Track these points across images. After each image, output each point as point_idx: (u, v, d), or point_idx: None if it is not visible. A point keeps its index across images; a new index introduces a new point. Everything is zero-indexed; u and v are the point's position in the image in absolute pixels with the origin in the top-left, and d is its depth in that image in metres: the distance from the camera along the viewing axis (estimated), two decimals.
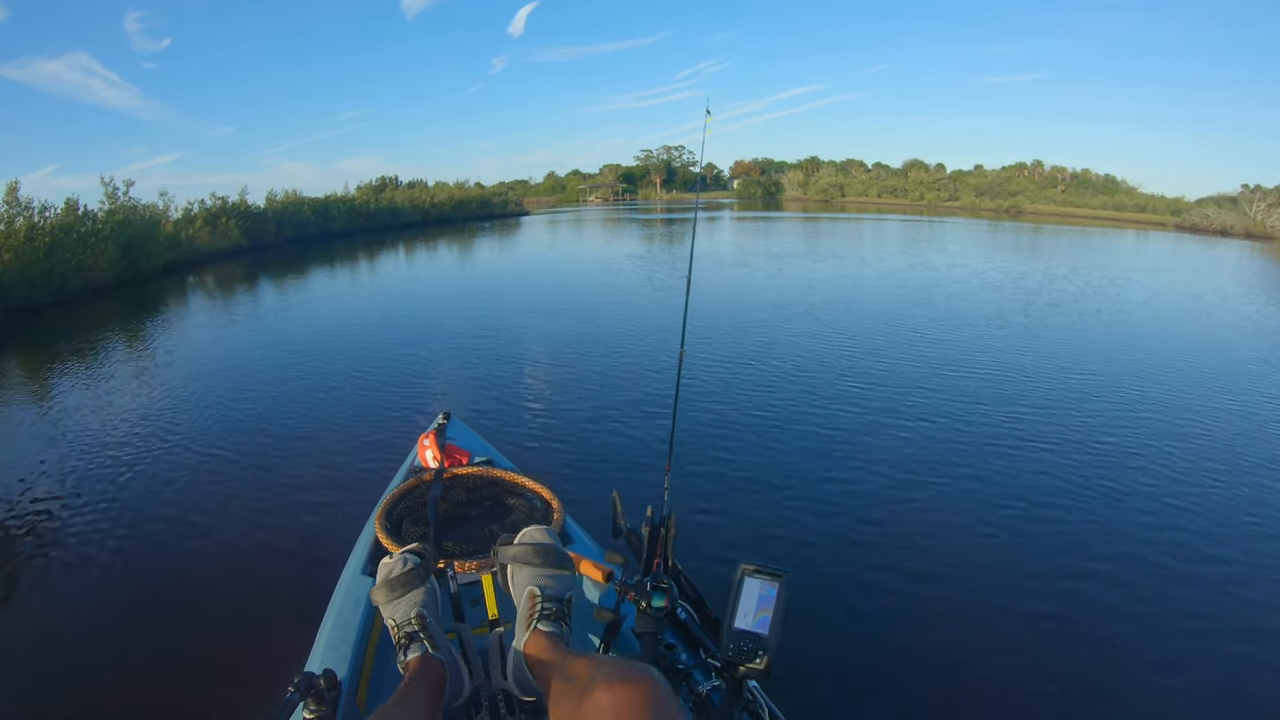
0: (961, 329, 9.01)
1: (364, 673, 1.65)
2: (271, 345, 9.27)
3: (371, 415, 5.94)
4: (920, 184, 61.03)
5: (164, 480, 4.79)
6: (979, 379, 6.68)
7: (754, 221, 35.42)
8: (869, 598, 3.22)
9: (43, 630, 3.20)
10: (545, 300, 12.28)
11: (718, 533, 3.70)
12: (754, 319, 9.43)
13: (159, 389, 7.19)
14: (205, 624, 3.16)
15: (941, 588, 3.29)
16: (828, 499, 4.11)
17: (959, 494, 4.21)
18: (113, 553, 3.83)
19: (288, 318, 11.90)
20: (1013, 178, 57.50)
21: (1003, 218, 42.95)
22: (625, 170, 79.26)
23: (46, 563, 3.80)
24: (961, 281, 13.98)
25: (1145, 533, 3.85)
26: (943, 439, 5.07)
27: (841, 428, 5.29)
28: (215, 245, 23.70)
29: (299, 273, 19.63)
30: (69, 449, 5.43)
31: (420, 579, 1.42)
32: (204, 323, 11.97)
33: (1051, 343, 8.42)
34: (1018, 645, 2.92)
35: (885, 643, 2.95)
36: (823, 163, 74.35)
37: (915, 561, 3.49)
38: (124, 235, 18.41)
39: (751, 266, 15.70)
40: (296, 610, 2.70)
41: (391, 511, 2.10)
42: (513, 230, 33.57)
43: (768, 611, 1.23)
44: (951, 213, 47.50)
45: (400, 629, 1.36)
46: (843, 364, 7.16)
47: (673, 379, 2.09)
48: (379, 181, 43.95)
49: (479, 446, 2.82)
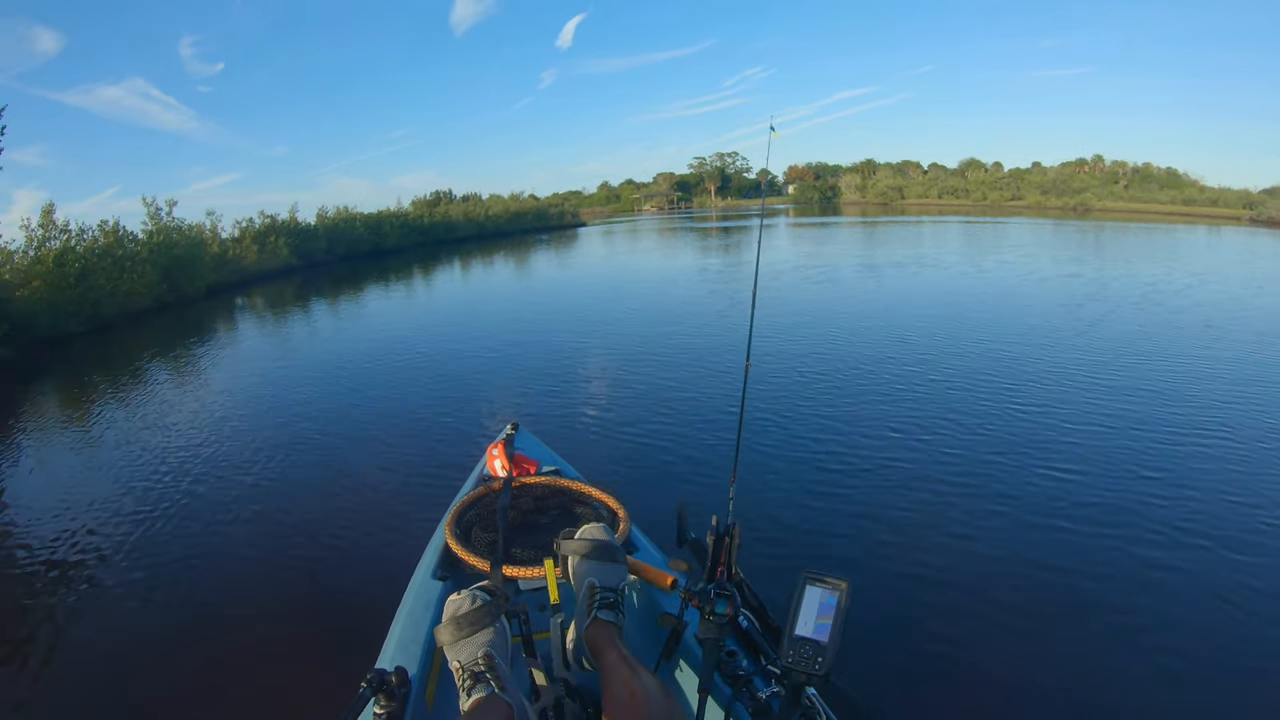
0: (1042, 337, 8.34)
1: (433, 672, 1.65)
2: (331, 362, 9.18)
3: (440, 427, 5.96)
4: (982, 184, 57.93)
5: (234, 492, 4.86)
6: (1069, 392, 6.20)
7: (814, 228, 33.57)
8: (929, 609, 3.13)
9: (123, 632, 3.30)
10: (609, 312, 11.91)
11: (780, 542, 3.67)
12: (819, 330, 9.11)
13: (217, 409, 7.15)
14: (280, 624, 3.24)
15: (1004, 604, 3.17)
16: (891, 511, 4.04)
17: (1030, 511, 4.01)
18: (188, 560, 3.96)
19: (346, 335, 11.75)
20: (1075, 174, 54.12)
21: (1069, 216, 40.24)
22: (679, 178, 78.20)
23: (127, 570, 3.88)
24: (1046, 283, 12.94)
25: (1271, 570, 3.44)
26: (1016, 456, 4.78)
27: (908, 440, 5.12)
28: (264, 265, 22.57)
29: (354, 290, 18.79)
30: (134, 470, 5.47)
31: (490, 617, 1.41)
32: (256, 343, 11.68)
33: (1149, 356, 7.51)
34: (1086, 664, 2.78)
35: (945, 655, 2.83)
36: (879, 165, 71.57)
37: (978, 576, 3.39)
38: (165, 258, 17.22)
39: (816, 276, 14.67)
40: (368, 612, 2.80)
41: (461, 518, 2.16)
42: (571, 242, 32.56)
43: (828, 619, 1.22)
44: (1016, 212, 44.66)
45: (465, 670, 1.33)
46: (911, 373, 6.90)
47: (737, 390, 2.43)
48: (433, 196, 43.09)
49: (547, 456, 2.80)
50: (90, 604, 3.61)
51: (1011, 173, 60.05)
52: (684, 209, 69.82)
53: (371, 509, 4.44)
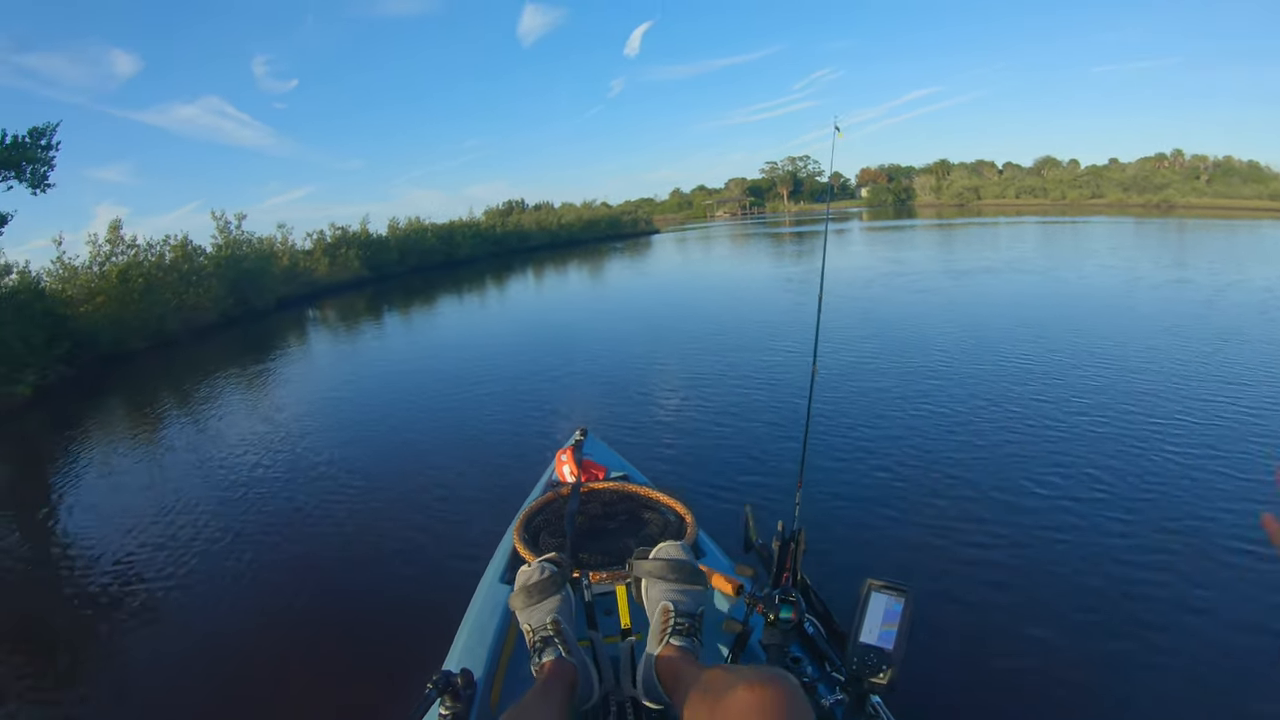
0: (1159, 353, 7.39)
1: (498, 675, 1.67)
2: (401, 371, 9.25)
3: (508, 434, 5.99)
4: (1060, 182, 54.77)
5: (303, 501, 4.90)
6: (1189, 416, 5.50)
7: (888, 231, 31.76)
8: (996, 618, 3.05)
9: (194, 637, 3.39)
10: (677, 319, 11.68)
11: (846, 549, 3.63)
12: (891, 336, 8.73)
13: (284, 421, 7.15)
14: (348, 628, 3.30)
15: (1073, 614, 3.06)
16: (959, 519, 3.92)
17: (1117, 538, 3.72)
18: (257, 566, 4.02)
19: (417, 344, 11.65)
20: (1155, 170, 50.70)
21: (1151, 214, 37.52)
22: (751, 184, 76.64)
23: (196, 580, 3.94)
24: (1158, 289, 11.51)
25: None
26: (1106, 482, 4.33)
27: (983, 452, 4.89)
28: (335, 277, 22.00)
29: (425, 301, 18.26)
30: (201, 483, 5.55)
31: (557, 587, 1.48)
32: (325, 355, 11.60)
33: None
34: (1164, 676, 2.68)
35: (1011, 664, 2.76)
36: (953, 165, 68.27)
37: (1047, 586, 3.28)
38: (233, 271, 16.62)
39: (894, 282, 13.55)
40: (435, 614, 2.86)
41: (530, 523, 2.15)
42: (644, 249, 31.43)
43: (893, 626, 1.21)
44: (1096, 211, 42.11)
45: (535, 633, 1.42)
46: (995, 385, 6.51)
47: (804, 396, 2.26)
48: (505, 205, 42.45)
49: (615, 462, 2.80)
50: (161, 613, 3.66)
51: (1089, 170, 57.02)
52: (756, 214, 68.46)
53: (440, 515, 4.46)
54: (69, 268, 13.86)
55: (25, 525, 5.41)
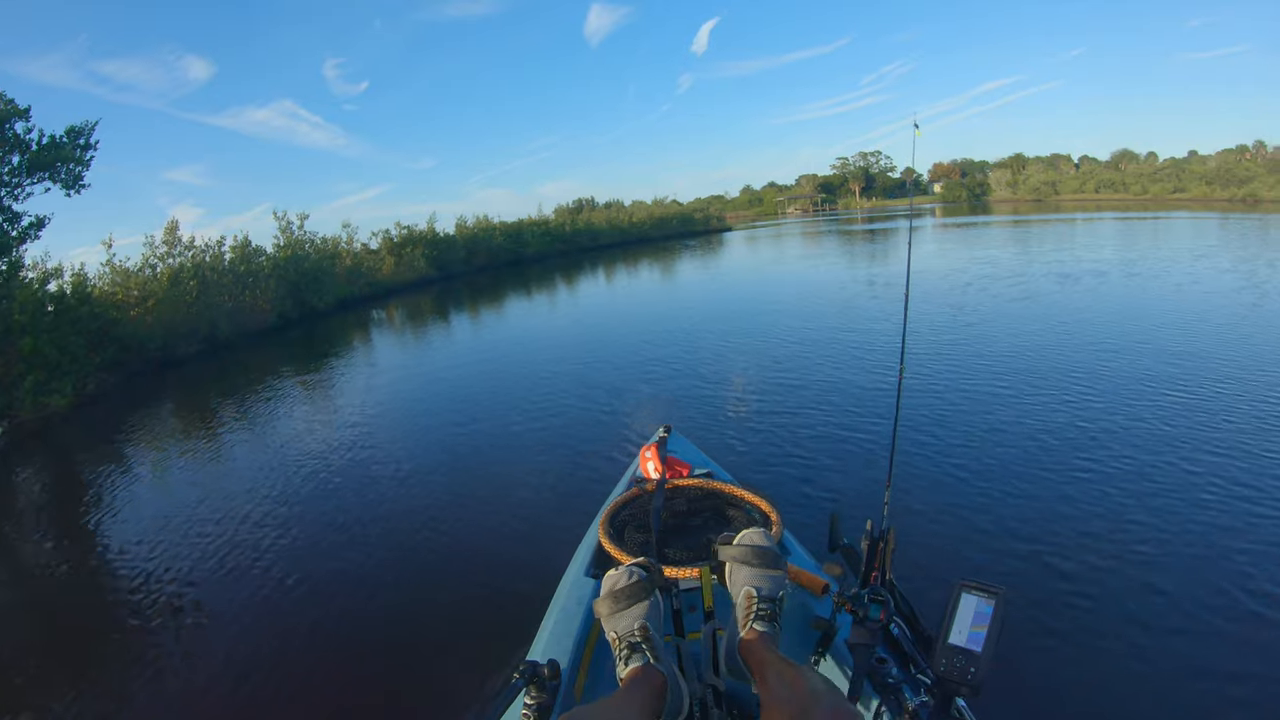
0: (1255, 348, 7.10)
1: (582, 666, 1.65)
2: (478, 371, 9.04)
3: (591, 431, 5.90)
4: (1141, 176, 51.55)
5: (388, 499, 4.94)
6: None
7: (966, 228, 29.46)
8: (1091, 625, 2.98)
9: (280, 632, 3.43)
10: (759, 317, 11.26)
11: (935, 550, 3.56)
12: (980, 337, 8.47)
13: (355, 422, 6.98)
14: (437, 616, 3.37)
15: (1167, 625, 2.97)
16: (1050, 521, 3.87)
17: (1199, 524, 3.75)
18: (352, 559, 4.08)
19: (488, 342, 11.35)
20: (1238, 163, 47.00)
21: (1237, 208, 34.70)
22: (822, 179, 74.37)
23: (282, 579, 3.95)
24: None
25: None
26: (1192, 467, 4.41)
27: (1067, 449, 4.82)
28: (400, 277, 21.01)
29: (493, 299, 17.52)
30: (290, 477, 5.51)
31: (646, 592, 1.44)
32: (393, 355, 11.05)
33: None
34: (1256, 684, 2.58)
35: (1100, 673, 2.71)
36: (1028, 159, 65.73)
37: (1140, 594, 3.19)
38: (292, 272, 15.67)
39: (981, 283, 12.75)
40: (521, 607, 2.89)
41: (615, 518, 2.17)
42: (717, 247, 29.86)
43: (982, 628, 1.19)
44: (1179, 205, 39.01)
45: (622, 640, 1.38)
46: (1073, 381, 6.33)
47: (891, 396, 2.23)
48: (575, 204, 41.19)
49: (699, 459, 2.78)
50: (252, 611, 3.64)
51: (1169, 163, 54.12)
52: (828, 211, 66.18)
53: (523, 510, 4.44)
54: (120, 270, 13.04)
55: (60, 540, 5.17)
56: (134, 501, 5.52)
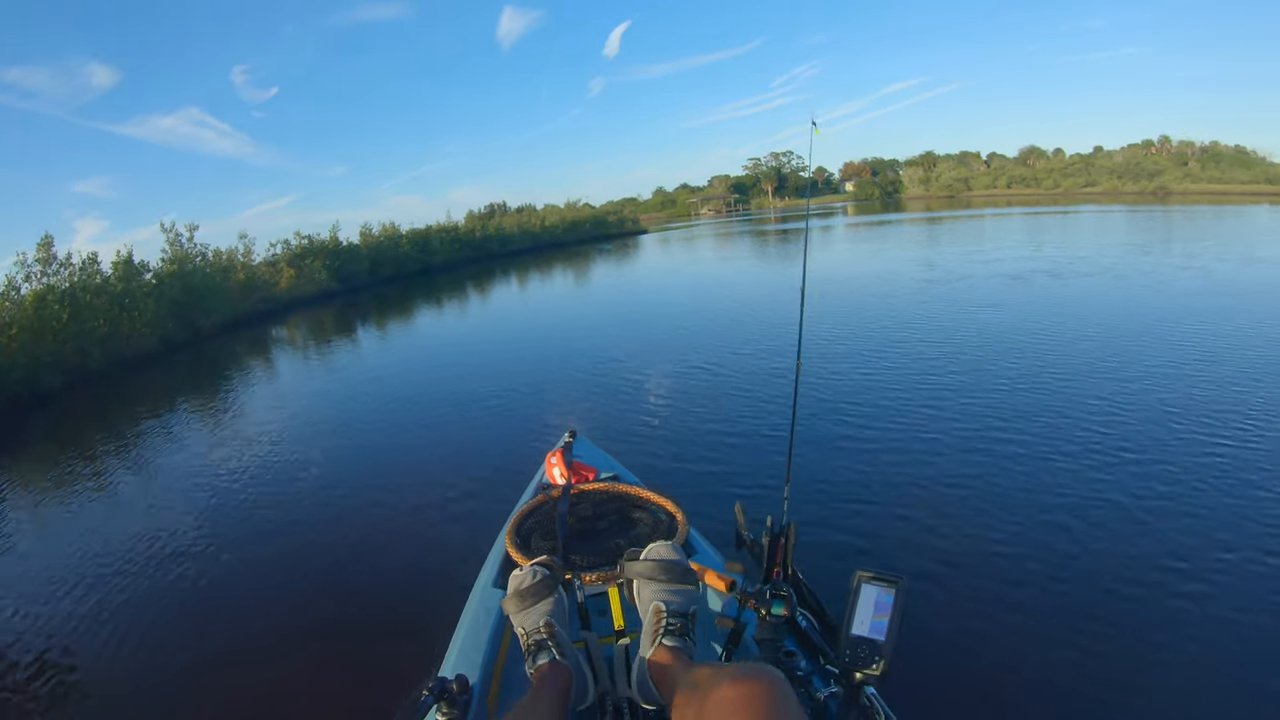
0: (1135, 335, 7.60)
1: (494, 679, 1.67)
2: (379, 386, 8.82)
3: (498, 439, 5.95)
4: (1052, 171, 54.19)
5: (296, 509, 4.92)
6: (1141, 386, 5.84)
7: (873, 227, 30.62)
8: (990, 608, 3.08)
9: (187, 643, 3.38)
10: (663, 319, 11.51)
11: (837, 541, 3.65)
12: (872, 329, 8.81)
13: (251, 443, 6.73)
14: (344, 634, 3.29)
15: (1060, 596, 3.13)
16: (945, 507, 3.99)
17: (1084, 502, 3.93)
18: (251, 573, 4.04)
19: (395, 356, 11.08)
20: (1146, 156, 50.55)
21: (1148, 201, 36.91)
22: (735, 180, 75.37)
23: (198, 583, 3.97)
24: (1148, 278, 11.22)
25: None
26: (1082, 466, 4.48)
27: (957, 435, 5.04)
28: (299, 291, 20.07)
29: (401, 311, 17.07)
30: (182, 510, 5.22)
31: (549, 589, 1.48)
32: (296, 373, 10.70)
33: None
34: (1146, 654, 2.74)
35: (1006, 654, 2.80)
36: (939, 157, 67.85)
37: (1035, 570, 3.35)
38: (175, 289, 14.71)
39: (867, 279, 13.44)
40: (430, 621, 2.79)
41: (521, 526, 2.16)
42: (632, 251, 29.84)
43: (884, 617, 1.22)
44: (1090, 199, 41.34)
45: (530, 637, 1.42)
46: (965, 373, 6.60)
47: (790, 394, 2.25)
48: (487, 209, 40.30)
49: (605, 463, 2.81)
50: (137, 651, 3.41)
51: (1078, 158, 56.86)
52: (741, 211, 67.24)
53: (430, 525, 4.40)
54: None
55: None
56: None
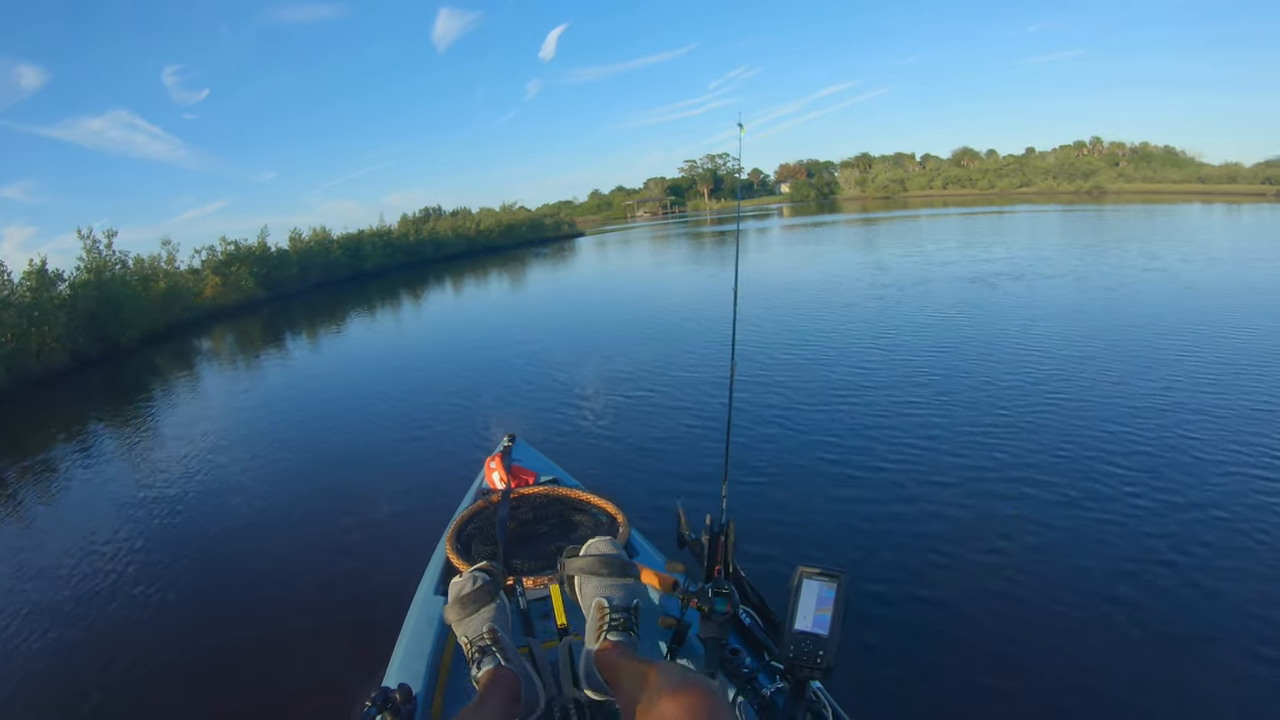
0: (1040, 331, 7.99)
1: (438, 687, 1.64)
2: (314, 395, 8.69)
3: (436, 445, 5.89)
4: (987, 171, 55.58)
5: (225, 527, 4.78)
6: (1065, 380, 6.08)
7: (809, 229, 31.10)
8: (929, 596, 3.16)
9: (125, 660, 3.28)
10: (601, 322, 11.84)
11: (778, 538, 3.68)
12: (805, 329, 9.02)
13: (183, 458, 6.48)
14: (285, 647, 3.23)
15: (1002, 585, 3.20)
16: (884, 500, 4.08)
17: (1016, 492, 4.05)
18: (193, 588, 3.94)
19: (329, 365, 10.85)
20: (1079, 157, 52.29)
21: (1083, 200, 38.37)
22: (671, 182, 75.14)
23: (139, 597, 3.88)
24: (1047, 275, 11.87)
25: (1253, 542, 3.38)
26: (1003, 441, 4.81)
27: (894, 429, 5.16)
28: (226, 299, 19.27)
29: (333, 319, 16.40)
30: (109, 530, 4.99)
31: (491, 595, 1.46)
32: (224, 386, 10.36)
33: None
34: (1084, 643, 2.81)
35: (947, 640, 2.88)
36: (874, 159, 69.15)
37: (975, 559, 3.42)
38: (88, 300, 13.91)
39: (800, 278, 14.03)
40: (372, 631, 2.91)
41: (461, 532, 2.15)
42: (569, 255, 29.70)
43: (827, 612, 1.23)
44: (1026, 199, 42.54)
45: (473, 644, 1.40)
46: (900, 368, 6.80)
47: (727, 393, 2.14)
48: (422, 213, 39.36)
49: (544, 466, 2.79)
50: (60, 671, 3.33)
51: (1010, 159, 58.19)
52: (677, 213, 67.10)
53: (371, 534, 4.33)
54: None
55: None
56: None
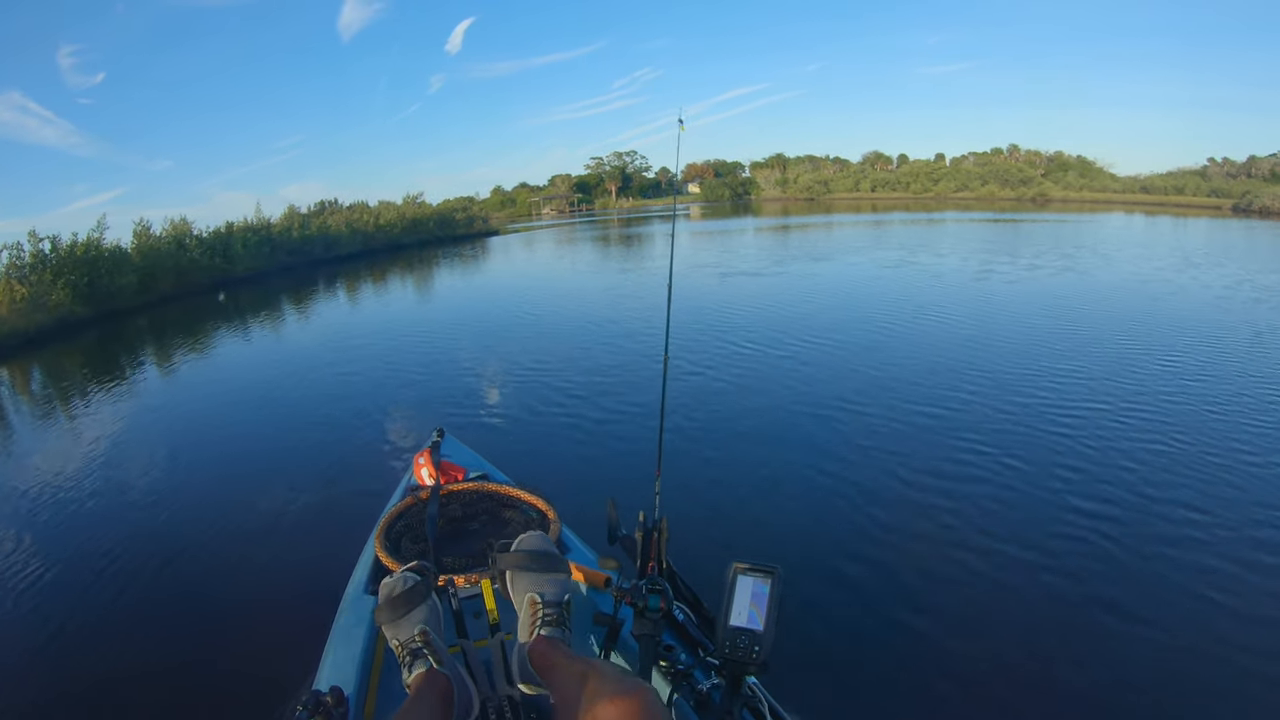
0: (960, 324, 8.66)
1: (370, 689, 1.63)
2: (225, 399, 7.79)
3: (362, 443, 5.73)
4: (922, 175, 54.18)
5: (156, 525, 4.58)
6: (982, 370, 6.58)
7: (717, 236, 29.59)
8: (865, 590, 3.21)
9: (48, 665, 3.16)
10: (527, 318, 11.18)
11: (711, 534, 3.69)
12: (735, 324, 9.04)
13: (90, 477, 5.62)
14: (211, 650, 3.15)
15: (939, 578, 3.26)
16: (816, 495, 4.14)
17: (945, 483, 4.20)
18: (117, 588, 3.79)
19: (236, 370, 9.50)
20: (1012, 163, 52.39)
21: (1027, 207, 37.91)
22: (578, 179, 72.16)
23: (58, 600, 3.73)
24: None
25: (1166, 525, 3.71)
26: (929, 430, 5.04)
27: (827, 424, 5.26)
28: (25, 322, 13.72)
29: (193, 336, 12.34)
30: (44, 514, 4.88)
31: (421, 596, 1.45)
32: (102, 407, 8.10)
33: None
34: (1015, 631, 2.90)
35: (882, 633, 2.92)
36: (789, 159, 68.06)
37: (906, 551, 3.47)
38: None
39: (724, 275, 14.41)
40: (301, 632, 2.64)
41: (390, 530, 2.13)
42: (487, 254, 25.86)
43: (761, 608, 1.25)
44: (965, 205, 41.46)
45: (404, 647, 1.39)
46: (828, 363, 7.04)
47: (659, 389, 2.15)
48: (318, 205, 33.53)
49: (474, 462, 2.79)
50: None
51: (933, 163, 57.94)
52: (585, 211, 64.33)
53: (296, 533, 4.27)
54: None
55: None
56: None
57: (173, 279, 18.81)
